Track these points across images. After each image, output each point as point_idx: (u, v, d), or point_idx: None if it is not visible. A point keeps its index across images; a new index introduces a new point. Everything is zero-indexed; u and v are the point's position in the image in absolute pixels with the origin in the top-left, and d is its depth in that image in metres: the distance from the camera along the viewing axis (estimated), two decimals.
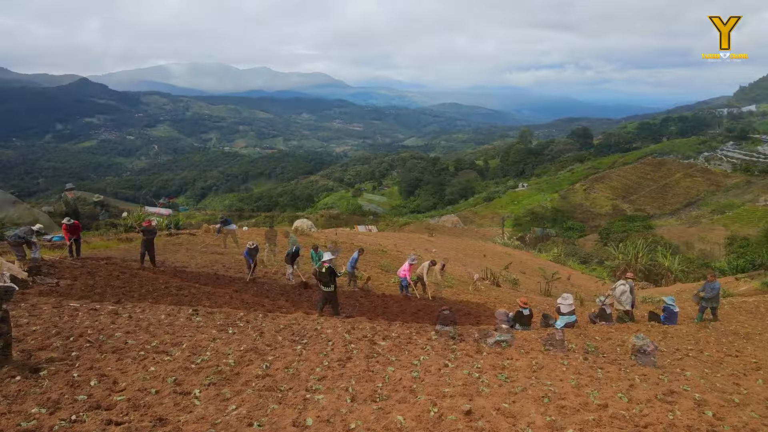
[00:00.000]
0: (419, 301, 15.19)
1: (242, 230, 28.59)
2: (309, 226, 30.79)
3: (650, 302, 24.30)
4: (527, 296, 15.47)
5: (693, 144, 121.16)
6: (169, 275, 14.21)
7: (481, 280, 24.59)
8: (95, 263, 14.68)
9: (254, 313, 9.77)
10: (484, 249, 44.11)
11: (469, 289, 21.22)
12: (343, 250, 24.50)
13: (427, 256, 30.56)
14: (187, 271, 15.51)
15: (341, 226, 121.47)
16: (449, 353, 7.39)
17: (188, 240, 23.78)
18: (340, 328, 8.80)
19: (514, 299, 19.98)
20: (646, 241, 47.19)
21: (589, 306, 20.69)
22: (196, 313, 9.00)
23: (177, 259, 18.00)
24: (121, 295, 10.50)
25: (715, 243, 72.94)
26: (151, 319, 8.08)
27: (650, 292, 33.37)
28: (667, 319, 12.41)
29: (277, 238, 18.39)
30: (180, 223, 42.65)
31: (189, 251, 20.36)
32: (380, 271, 21.82)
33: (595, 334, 10.23)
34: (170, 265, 16.40)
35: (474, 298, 17.80)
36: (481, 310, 14.62)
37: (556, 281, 29.85)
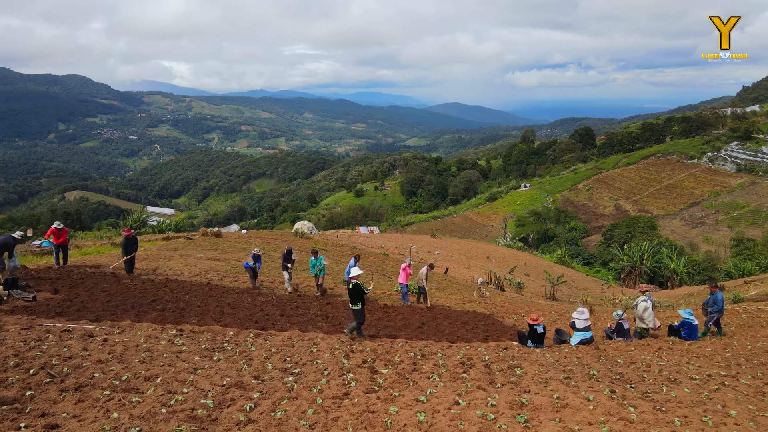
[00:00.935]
0: (423, 311, 14.37)
1: (240, 233, 27.67)
2: (310, 228, 29.98)
3: (660, 307, 23.52)
4: (538, 312, 14.59)
5: (697, 144, 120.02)
6: (158, 285, 13.50)
7: (485, 284, 23.84)
8: (82, 272, 13.92)
9: (245, 332, 8.98)
10: (487, 250, 43.36)
11: (474, 295, 20.46)
12: (342, 255, 23.75)
13: (430, 258, 29.88)
14: (179, 280, 14.73)
15: (343, 226, 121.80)
16: (459, 384, 6.59)
17: (185, 244, 23.02)
18: (337, 351, 8.01)
19: (520, 307, 19.17)
20: (651, 243, 46.49)
21: (599, 313, 19.87)
22: (180, 334, 8.22)
23: (170, 266, 17.23)
24: (102, 311, 9.71)
25: (720, 244, 72.12)
26: (128, 343, 7.29)
27: (658, 295, 32.57)
28: (687, 334, 11.62)
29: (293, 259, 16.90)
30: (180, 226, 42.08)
31: (184, 257, 19.58)
32: (382, 275, 20.98)
33: (615, 354, 9.42)
34: (162, 273, 15.63)
35: (480, 307, 16.99)
36: (488, 322, 13.78)
37: (561, 285, 29.17)
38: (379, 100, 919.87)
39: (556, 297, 25.91)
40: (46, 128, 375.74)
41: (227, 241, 25.61)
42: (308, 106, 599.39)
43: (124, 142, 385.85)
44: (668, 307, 23.58)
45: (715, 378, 7.49)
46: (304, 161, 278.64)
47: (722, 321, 16.57)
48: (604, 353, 9.21)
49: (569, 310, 20.60)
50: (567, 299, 27.18)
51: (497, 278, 23.83)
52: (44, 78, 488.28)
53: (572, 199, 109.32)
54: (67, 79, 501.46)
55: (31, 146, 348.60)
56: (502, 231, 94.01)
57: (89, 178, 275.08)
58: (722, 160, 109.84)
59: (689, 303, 26.17)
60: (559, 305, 24.57)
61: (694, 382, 7.14)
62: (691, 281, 40.92)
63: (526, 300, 23.84)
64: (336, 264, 22.01)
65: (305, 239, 28.01)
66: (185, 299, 12.02)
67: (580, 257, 68.95)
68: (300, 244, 26.89)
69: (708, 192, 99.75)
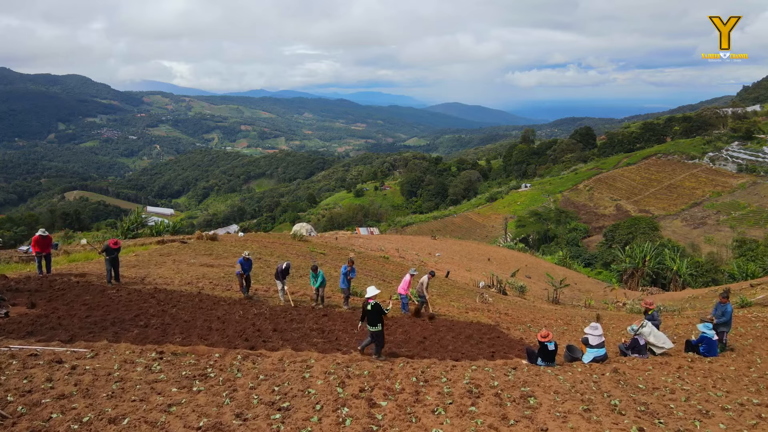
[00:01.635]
0: (425, 324, 13.66)
1: (237, 237, 26.76)
2: (308, 230, 29.18)
3: (666, 311, 22.76)
4: (547, 328, 13.81)
5: (697, 144, 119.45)
6: (145, 296, 12.75)
7: (487, 288, 23.17)
8: (66, 282, 13.17)
9: (233, 353, 8.24)
10: (488, 252, 42.66)
11: (476, 301, 19.73)
12: (340, 259, 23.02)
13: (431, 260, 29.18)
14: (167, 289, 13.95)
15: (343, 226, 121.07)
16: (468, 421, 5.86)
17: (178, 249, 22.24)
18: (332, 377, 7.29)
19: (524, 314, 18.45)
20: (654, 244, 45.76)
21: (606, 320, 19.15)
22: (159, 357, 7.49)
23: (161, 273, 16.51)
24: (79, 328, 8.98)
25: (722, 245, 71.45)
26: (99, 371, 6.57)
27: (662, 299, 31.79)
28: (706, 350, 10.91)
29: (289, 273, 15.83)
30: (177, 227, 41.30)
31: (177, 263, 18.82)
32: (382, 281, 20.22)
33: (633, 375, 8.70)
34: (151, 282, 14.90)
35: (484, 316, 16.29)
36: (494, 335, 13.06)
37: (564, 288, 28.44)
38: (379, 100, 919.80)
39: (559, 300, 25.20)
40: (46, 128, 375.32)
41: (223, 245, 24.75)
42: (308, 106, 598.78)
43: (124, 142, 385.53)
44: (674, 311, 22.85)
45: (749, 408, 6.78)
46: (304, 161, 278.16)
47: (735, 329, 15.94)
48: (623, 377, 8.47)
49: (574, 316, 19.88)
50: (570, 302, 26.50)
51: (499, 282, 23.14)
52: (44, 78, 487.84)
53: (573, 199, 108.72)
54: (67, 79, 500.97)
55: (31, 146, 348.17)
56: (502, 231, 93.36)
57: (89, 178, 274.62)
58: (723, 160, 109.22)
59: (694, 307, 25.45)
60: (562, 309, 23.85)
61: (727, 415, 6.43)
62: (694, 283, 40.22)
63: (529, 305, 23.16)
64: (334, 269, 21.24)
65: (304, 242, 27.17)
66: (172, 313, 11.29)
67: (581, 258, 68.31)
68: (298, 247, 26.17)
69: (709, 192, 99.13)
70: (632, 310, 21.27)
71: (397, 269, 24.31)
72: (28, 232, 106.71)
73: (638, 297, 29.96)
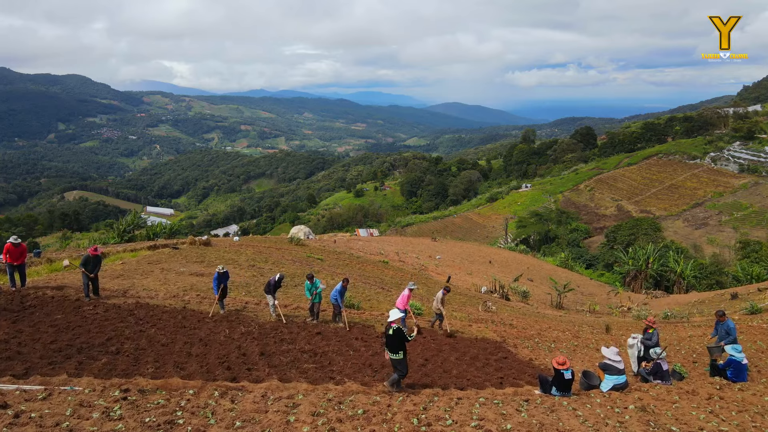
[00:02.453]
0: (427, 342, 12.67)
1: (232, 241, 25.76)
2: (307, 234, 28.21)
3: (674, 318, 21.76)
4: (560, 350, 12.76)
5: (699, 144, 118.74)
6: (124, 314, 11.77)
7: (489, 293, 22.25)
8: (39, 298, 12.16)
9: (210, 387, 7.25)
10: (489, 254, 41.73)
11: (479, 309, 18.77)
12: (339, 265, 22.08)
13: (432, 264, 28.23)
14: (150, 304, 12.99)
15: (343, 226, 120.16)
16: None
17: (168, 256, 21.28)
18: (321, 421, 6.33)
19: (531, 325, 17.46)
20: (657, 246, 44.84)
21: (615, 330, 18.23)
22: (124, 398, 6.50)
23: (146, 284, 15.56)
24: (40, 357, 8.01)
25: (725, 246, 70.63)
26: (46, 420, 5.56)
27: (668, 303, 30.74)
28: (734, 375, 9.98)
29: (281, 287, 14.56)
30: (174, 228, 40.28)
31: (165, 272, 17.89)
32: (380, 289, 19.25)
33: (660, 409, 7.76)
34: (134, 295, 13.92)
35: (489, 330, 15.31)
36: (501, 356, 12.09)
37: (567, 292, 27.51)
38: (379, 100, 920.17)
39: (563, 305, 24.29)
40: (46, 128, 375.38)
41: (216, 251, 23.78)
42: (308, 106, 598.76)
43: (123, 141, 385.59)
44: (683, 318, 21.84)
45: None
46: (303, 161, 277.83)
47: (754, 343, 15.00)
48: (651, 415, 7.51)
49: (581, 325, 18.92)
50: (574, 307, 25.63)
51: (501, 287, 22.21)
52: (44, 78, 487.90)
53: (573, 199, 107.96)
54: (67, 78, 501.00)
55: (30, 146, 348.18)
56: (502, 232, 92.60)
57: (89, 178, 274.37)
58: (725, 161, 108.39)
59: (702, 312, 24.50)
60: (567, 315, 22.91)
61: None
62: (698, 285, 39.39)
63: (533, 311, 22.17)
64: (332, 277, 20.34)
65: (301, 246, 26.15)
66: (150, 334, 10.31)
67: (582, 259, 67.45)
68: (295, 252, 25.16)
69: (711, 193, 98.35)
70: (639, 316, 20.37)
71: (397, 275, 23.35)
72: (26, 232, 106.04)
73: (642, 301, 29.07)
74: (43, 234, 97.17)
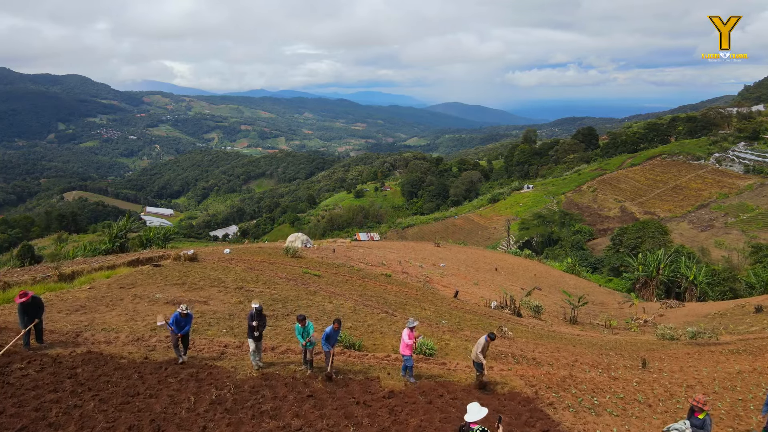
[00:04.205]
0: (443, 407, 10.43)
1: (222, 254, 24.20)
2: (304, 241, 27.02)
3: (702, 338, 19.50)
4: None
5: (703, 145, 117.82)
6: (64, 372, 9.59)
7: (500, 309, 21.31)
8: None
9: None
10: (495, 260, 40.82)
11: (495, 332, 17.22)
12: (338, 282, 21.00)
13: (436, 273, 27.25)
14: (105, 354, 10.78)
15: (343, 227, 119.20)
16: None
17: (146, 277, 18.56)
18: None
19: (555, 357, 15.70)
20: (668, 251, 43.85)
21: (652, 363, 16.76)
22: None
23: (108, 321, 13.14)
24: None
25: (732, 249, 69.65)
26: None
27: (684, 314, 29.02)
28: None
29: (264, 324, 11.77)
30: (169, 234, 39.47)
31: (136, 300, 15.42)
32: (384, 314, 17.40)
33: None
34: (88, 339, 11.54)
35: (515, 377, 12.90)
36: (541, 427, 9.98)
37: (582, 306, 26.32)
38: (380, 100, 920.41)
39: (577, 320, 23.36)
40: (46, 128, 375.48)
41: (202, 268, 21.15)
42: (308, 106, 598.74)
43: (123, 142, 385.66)
44: (710, 338, 19.40)
45: None
46: (304, 161, 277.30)
47: None
48: None
49: (607, 351, 16.94)
50: (588, 320, 24.64)
51: (513, 301, 21.23)
52: (44, 78, 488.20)
53: (576, 200, 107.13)
54: (67, 78, 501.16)
55: (30, 146, 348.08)
56: (504, 233, 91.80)
57: (89, 178, 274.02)
58: (730, 161, 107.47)
59: (728, 328, 22.38)
60: (586, 334, 21.27)
61: None
62: (711, 292, 38.38)
63: (549, 331, 19.96)
64: (329, 299, 18.28)
65: (297, 259, 24.38)
66: (85, 412, 8.21)
67: (587, 262, 66.59)
68: (290, 267, 23.11)
69: (716, 194, 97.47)
70: (664, 335, 19.09)
71: (401, 292, 21.94)
72: (23, 234, 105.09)
73: (658, 312, 28.03)
74: (39, 236, 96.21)
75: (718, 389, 12.83)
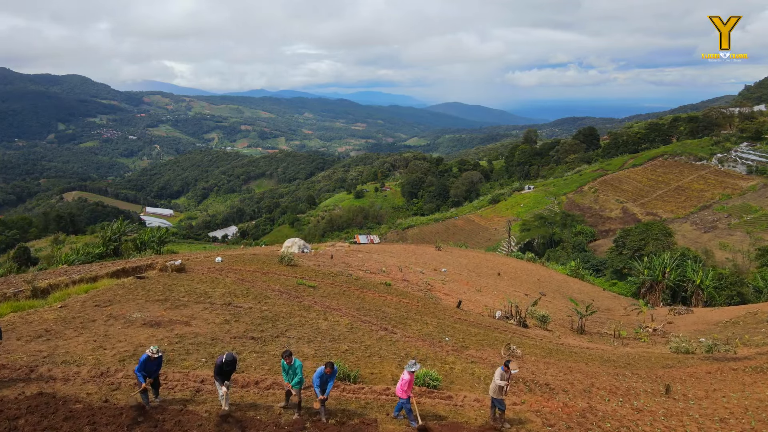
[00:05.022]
0: None
1: (214, 263, 22.86)
2: (301, 247, 26.04)
3: (719, 351, 18.41)
4: None
5: (705, 145, 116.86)
6: (6, 420, 8.26)
7: (505, 319, 20.40)
8: None
9: None
10: (496, 264, 39.94)
11: (501, 353, 16.04)
12: (334, 293, 19.99)
13: (438, 279, 26.37)
14: (58, 396, 9.33)
15: (343, 228, 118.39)
16: None
17: (127, 292, 16.57)
18: None
19: (566, 377, 14.51)
20: (674, 254, 42.92)
21: (677, 389, 15.19)
22: None
23: (73, 349, 11.61)
24: None
25: (737, 251, 68.81)
26: None
27: (694, 322, 27.98)
28: None
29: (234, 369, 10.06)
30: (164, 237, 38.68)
31: (110, 322, 13.73)
32: (383, 331, 15.77)
33: None
34: (42, 376, 10.08)
35: (528, 410, 11.63)
36: None
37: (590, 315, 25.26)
38: (380, 100, 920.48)
39: (585, 330, 22.48)
40: (46, 128, 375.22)
41: (189, 280, 19.20)
42: (308, 106, 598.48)
43: (123, 142, 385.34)
44: (728, 352, 18.31)
45: None
46: (304, 161, 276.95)
47: None
48: None
49: (627, 375, 15.15)
50: (596, 329, 23.74)
51: (518, 310, 20.32)
52: (44, 78, 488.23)
53: (577, 201, 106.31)
54: (67, 79, 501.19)
55: (30, 146, 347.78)
56: (505, 234, 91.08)
57: (88, 178, 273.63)
58: (732, 162, 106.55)
59: (743, 339, 21.20)
60: (597, 347, 19.98)
61: None
62: (718, 296, 37.51)
63: (558, 344, 18.61)
64: (324, 316, 16.73)
65: (292, 267, 22.76)
66: None
67: (590, 264, 65.73)
68: (284, 278, 20.97)
69: (718, 195, 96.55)
70: (679, 348, 17.92)
71: (402, 304, 20.30)
72: (20, 236, 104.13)
73: (666, 319, 27.11)
74: (37, 237, 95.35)
75: (755, 424, 11.53)
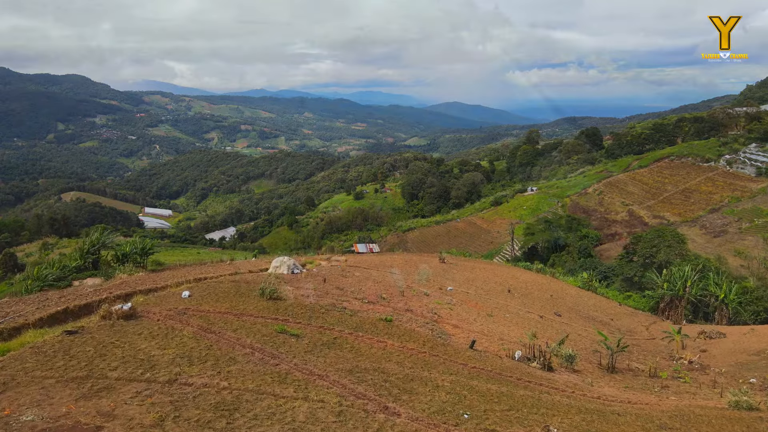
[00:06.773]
0: None
1: (178, 302, 17.05)
2: (291, 267, 23.01)
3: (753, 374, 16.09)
4: None
5: (712, 146, 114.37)
6: None
7: (526, 361, 17.49)
8: None
9: None
10: (505, 278, 37.22)
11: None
12: (324, 344, 16.13)
13: (445, 304, 23.52)
14: None
15: (342, 230, 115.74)
16: None
17: (38, 363, 10.76)
18: None
19: None
20: (695, 266, 40.06)
21: None
22: None
23: None
24: None
25: (752, 258, 66.23)
26: None
27: (731, 350, 24.80)
28: None
29: None
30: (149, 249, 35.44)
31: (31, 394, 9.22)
32: (384, 412, 10.82)
33: None
34: None
35: None
36: None
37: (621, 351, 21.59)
38: (380, 100, 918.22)
39: (616, 368, 19.71)
40: (45, 128, 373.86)
41: (135, 334, 13.30)
42: (308, 106, 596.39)
43: (123, 142, 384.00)
44: None
45: None
46: (303, 161, 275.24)
47: None
48: None
49: None
50: (626, 363, 20.92)
51: (541, 352, 17.46)
52: (43, 78, 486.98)
53: (582, 203, 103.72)
54: (67, 79, 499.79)
55: (29, 146, 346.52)
56: (508, 238, 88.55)
57: (87, 178, 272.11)
58: (741, 163, 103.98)
59: None
60: (636, 399, 15.86)
61: None
62: (744, 312, 34.84)
63: (593, 401, 13.99)
64: (303, 392, 11.28)
65: (274, 302, 17.61)
66: None
67: (598, 271, 63.03)
68: (262, 320, 15.12)
69: (728, 197, 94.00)
70: (738, 404, 13.70)
71: (406, 352, 14.26)
72: (11, 239, 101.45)
73: (699, 347, 24.36)
74: (30, 240, 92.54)
75: None
